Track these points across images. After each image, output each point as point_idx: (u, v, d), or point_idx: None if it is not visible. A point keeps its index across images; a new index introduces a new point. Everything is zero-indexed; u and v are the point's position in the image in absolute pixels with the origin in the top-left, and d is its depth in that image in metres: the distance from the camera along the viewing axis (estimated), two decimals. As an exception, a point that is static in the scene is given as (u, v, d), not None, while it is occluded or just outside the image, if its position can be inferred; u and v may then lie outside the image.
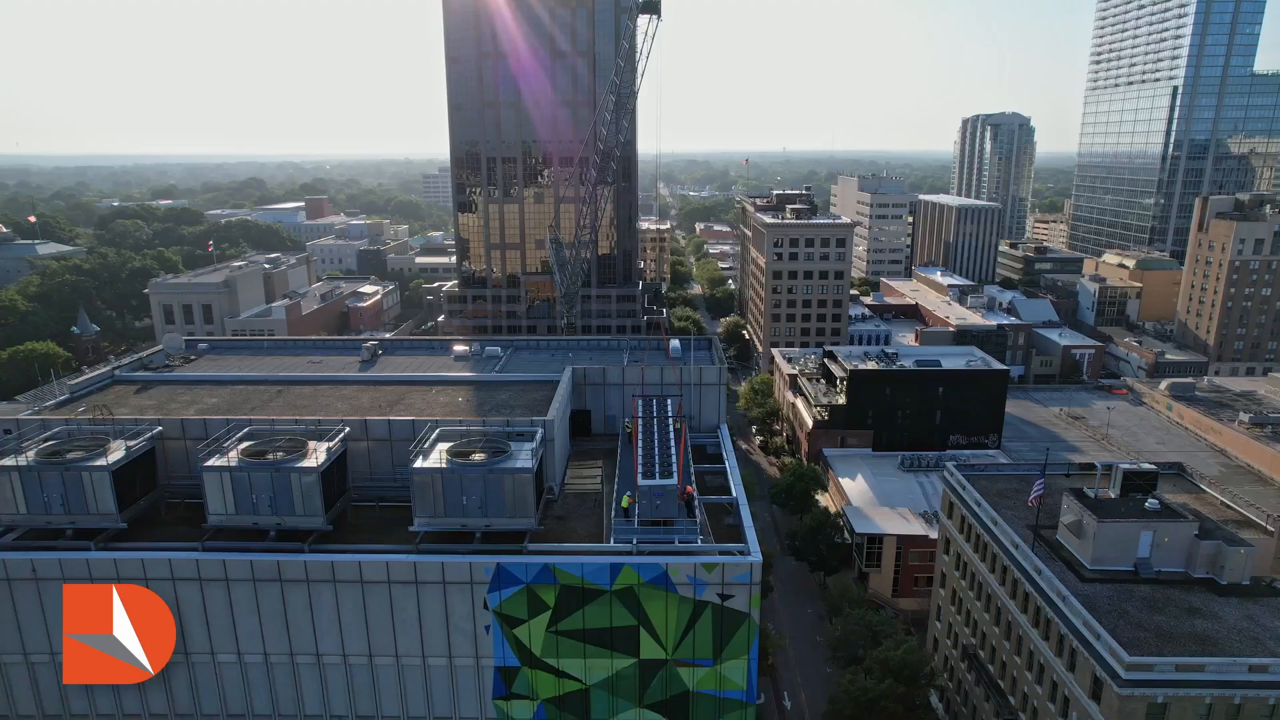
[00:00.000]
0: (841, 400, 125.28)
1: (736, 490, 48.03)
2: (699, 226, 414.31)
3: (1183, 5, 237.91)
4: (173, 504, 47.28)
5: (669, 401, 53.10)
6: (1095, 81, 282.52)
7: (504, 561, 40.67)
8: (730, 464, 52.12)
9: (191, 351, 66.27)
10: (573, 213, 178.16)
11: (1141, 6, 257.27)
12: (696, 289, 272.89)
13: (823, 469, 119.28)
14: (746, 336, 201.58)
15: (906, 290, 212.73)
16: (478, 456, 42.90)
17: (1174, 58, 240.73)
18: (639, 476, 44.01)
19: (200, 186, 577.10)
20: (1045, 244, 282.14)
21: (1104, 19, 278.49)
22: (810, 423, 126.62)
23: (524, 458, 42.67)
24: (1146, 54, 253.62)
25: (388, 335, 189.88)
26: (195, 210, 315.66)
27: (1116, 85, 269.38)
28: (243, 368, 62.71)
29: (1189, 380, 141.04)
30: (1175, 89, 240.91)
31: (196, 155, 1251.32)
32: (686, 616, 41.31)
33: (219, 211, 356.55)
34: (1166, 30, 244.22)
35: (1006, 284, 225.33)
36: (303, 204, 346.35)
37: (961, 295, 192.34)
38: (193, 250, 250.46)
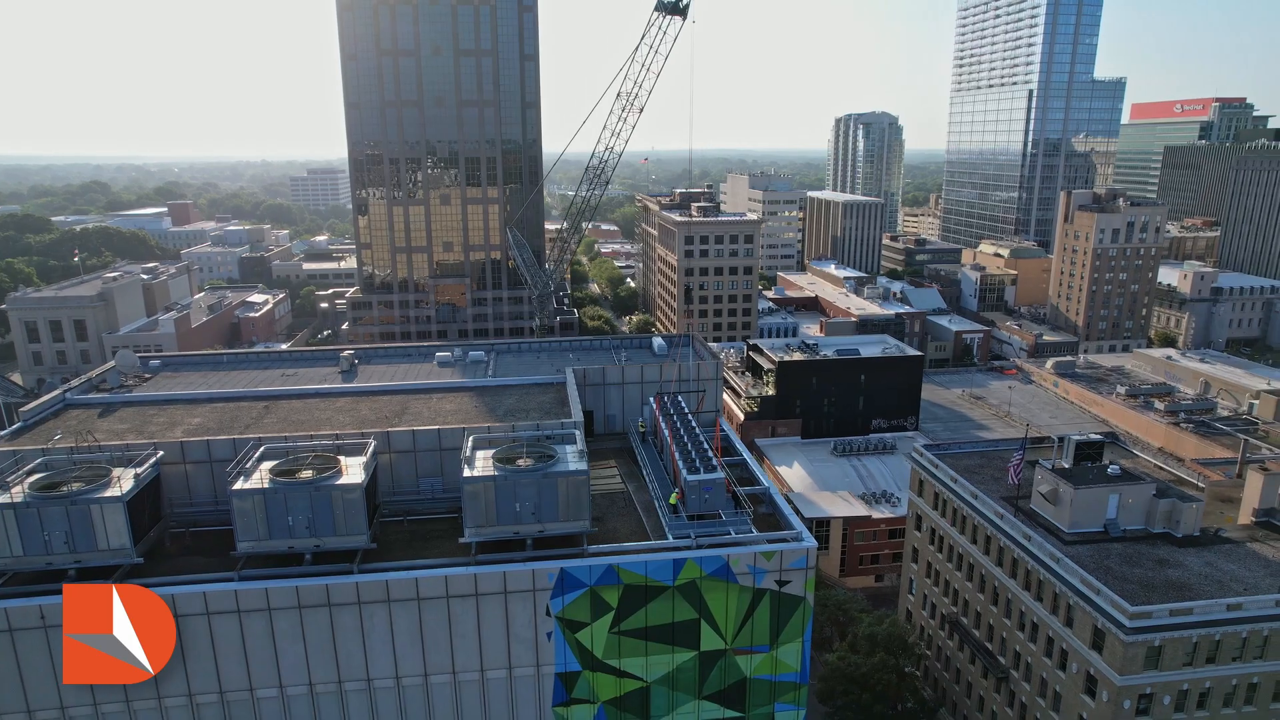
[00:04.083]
0: (771, 391, 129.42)
1: (765, 479, 49.34)
2: (585, 226, 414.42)
3: (1034, 15, 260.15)
4: (177, 533, 43.83)
5: (686, 398, 53.77)
6: (959, 84, 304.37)
7: (567, 566, 40.22)
8: (746, 455, 53.38)
9: (145, 369, 61.05)
10: (481, 214, 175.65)
11: (998, 15, 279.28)
12: (594, 288, 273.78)
13: (757, 459, 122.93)
14: (645, 334, 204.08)
15: (804, 283, 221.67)
16: (524, 462, 42.14)
17: (1028, 63, 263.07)
18: (683, 472, 44.55)
19: (28, 190, 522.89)
20: (921, 236, 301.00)
21: (964, 25, 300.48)
22: (741, 415, 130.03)
23: (573, 460, 42.25)
24: (1004, 59, 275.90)
25: (284, 346, 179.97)
26: (40, 217, 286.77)
27: (978, 88, 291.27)
28: (210, 384, 58.43)
29: (1070, 359, 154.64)
30: (1031, 92, 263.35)
31: (10, 156, 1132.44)
32: (746, 605, 42.22)
33: (64, 218, 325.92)
34: (1020, 38, 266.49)
35: (892, 275, 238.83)
36: (165, 209, 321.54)
37: (857, 287, 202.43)
38: (45, 260, 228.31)
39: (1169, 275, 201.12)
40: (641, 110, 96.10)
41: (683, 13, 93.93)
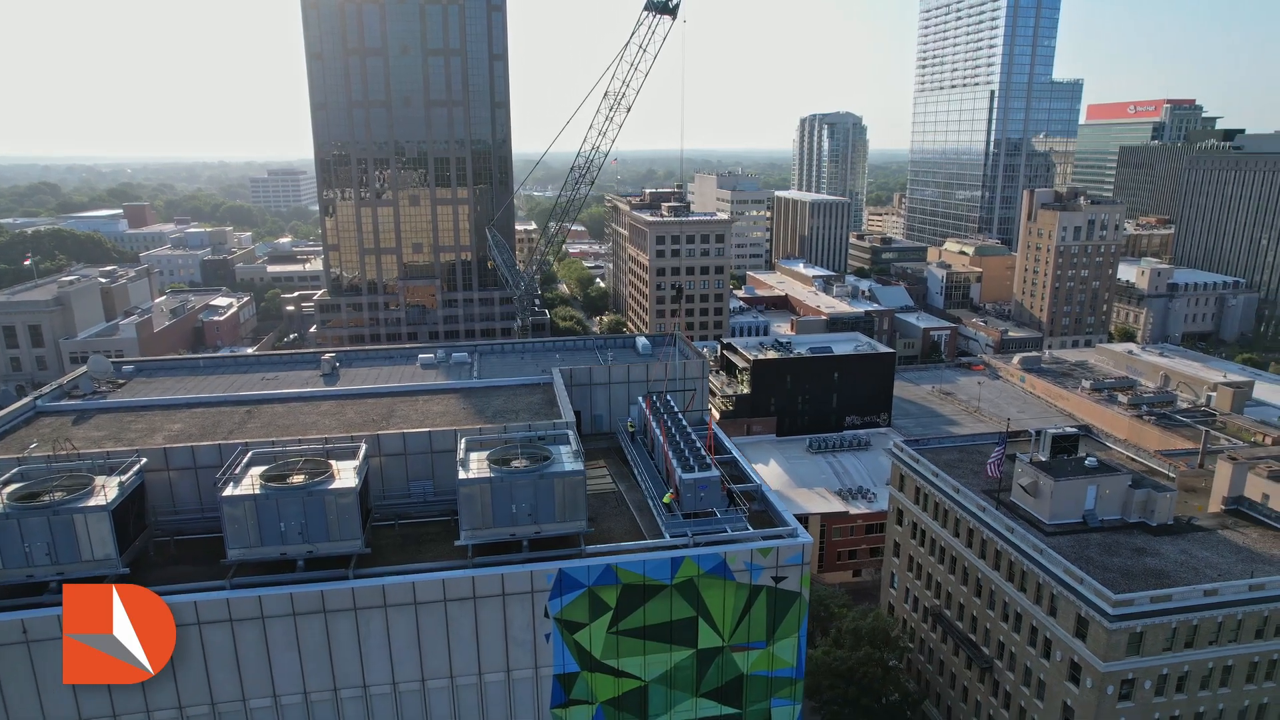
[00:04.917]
0: (746, 390, 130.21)
1: (757, 477, 49.60)
2: (554, 226, 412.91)
3: (994, 17, 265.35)
4: (161, 542, 42.76)
5: (675, 397, 53.83)
6: (923, 84, 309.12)
7: (566, 566, 40.04)
8: (736, 453, 53.62)
9: (118, 375, 59.48)
10: (451, 215, 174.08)
11: (959, 17, 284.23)
12: (564, 288, 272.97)
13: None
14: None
15: (773, 282, 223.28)
16: (519, 463, 41.87)
17: (989, 64, 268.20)
18: (678, 471, 44.61)
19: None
20: (887, 235, 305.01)
21: (927, 27, 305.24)
22: (716, 414, 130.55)
23: (569, 460, 42.06)
24: (966, 60, 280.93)
25: (250, 349, 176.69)
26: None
27: (941, 88, 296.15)
28: (188, 389, 57.11)
29: (1035, 354, 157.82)
30: (992, 93, 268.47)
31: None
32: (743, 602, 42.41)
33: (13, 220, 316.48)
34: (981, 39, 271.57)
35: (859, 273, 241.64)
36: (120, 211, 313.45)
37: (826, 285, 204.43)
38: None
39: (1127, 272, 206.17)
40: (629, 110, 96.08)
41: (673, 12, 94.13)
